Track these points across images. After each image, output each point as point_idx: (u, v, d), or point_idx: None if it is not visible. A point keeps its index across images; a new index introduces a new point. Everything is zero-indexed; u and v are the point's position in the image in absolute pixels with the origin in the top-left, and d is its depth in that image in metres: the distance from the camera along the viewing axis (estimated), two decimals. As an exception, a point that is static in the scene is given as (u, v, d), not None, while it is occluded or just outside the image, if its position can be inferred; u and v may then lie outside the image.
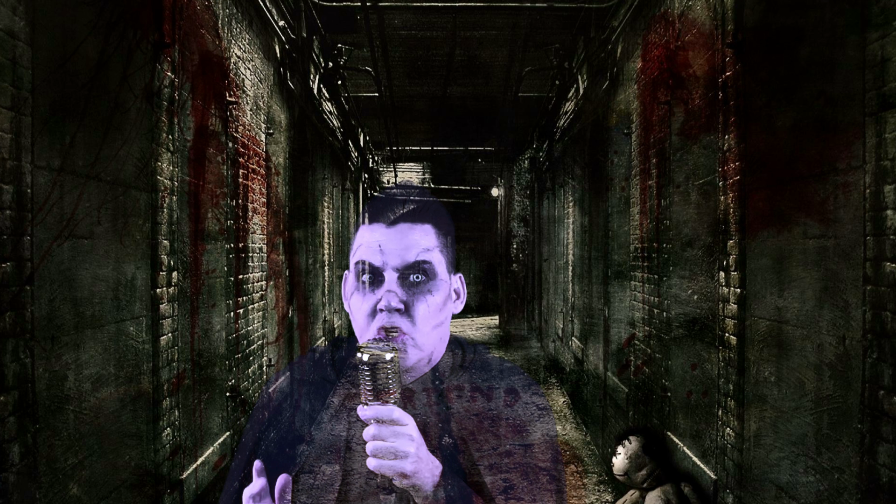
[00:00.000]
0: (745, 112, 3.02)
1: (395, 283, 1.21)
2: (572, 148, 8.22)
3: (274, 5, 5.37)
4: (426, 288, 1.23)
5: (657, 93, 4.39)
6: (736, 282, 3.09)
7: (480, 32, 7.24)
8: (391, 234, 1.23)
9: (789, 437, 2.64)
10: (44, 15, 2.08)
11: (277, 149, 5.88)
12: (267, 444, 1.38)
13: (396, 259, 1.22)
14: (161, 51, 2.97)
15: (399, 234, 1.23)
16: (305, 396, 1.39)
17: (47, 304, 2.12)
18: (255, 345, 4.95)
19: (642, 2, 4.74)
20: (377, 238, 1.23)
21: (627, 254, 5.34)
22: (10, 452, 1.88)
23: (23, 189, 1.95)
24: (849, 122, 2.18)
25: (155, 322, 2.98)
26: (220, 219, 4.07)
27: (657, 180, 4.45)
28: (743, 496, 3.06)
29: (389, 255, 1.22)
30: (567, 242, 8.83)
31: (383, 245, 1.22)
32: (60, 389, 2.22)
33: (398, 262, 1.22)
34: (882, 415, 1.97)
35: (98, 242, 2.49)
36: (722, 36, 3.28)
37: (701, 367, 3.71)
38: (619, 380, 5.66)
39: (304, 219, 7.01)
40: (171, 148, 3.14)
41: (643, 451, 3.78)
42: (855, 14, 2.15)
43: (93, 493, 2.45)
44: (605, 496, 5.51)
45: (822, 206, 2.37)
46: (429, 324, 1.23)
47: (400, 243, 1.22)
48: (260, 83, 5.03)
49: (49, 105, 2.12)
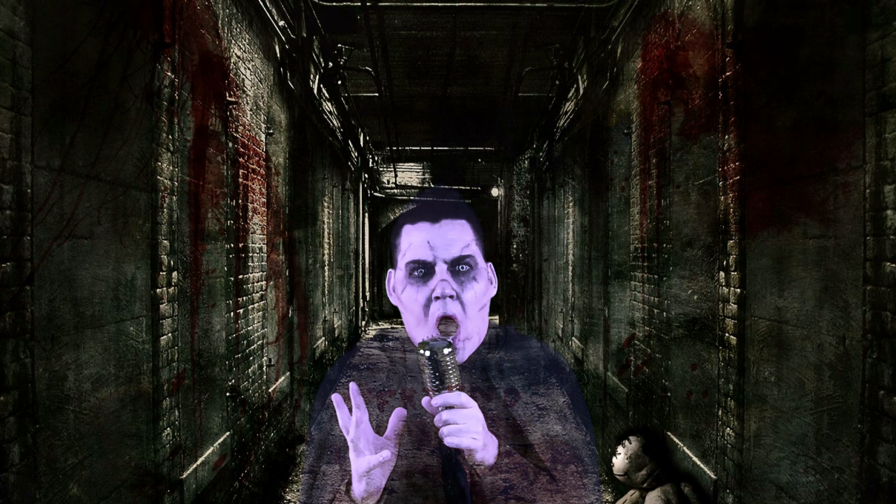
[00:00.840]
0: (745, 112, 3.02)
1: (447, 273, 1.37)
2: (572, 148, 8.22)
3: (274, 5, 5.37)
4: (471, 276, 1.40)
5: (657, 93, 4.39)
6: (736, 282, 3.09)
7: (480, 32, 7.24)
8: (437, 231, 1.40)
9: (789, 437, 2.64)
10: (44, 15, 2.08)
11: (277, 149, 5.88)
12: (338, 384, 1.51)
13: (446, 253, 1.38)
14: (161, 51, 2.97)
15: (444, 230, 1.41)
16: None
17: (47, 304, 2.12)
18: (255, 345, 4.95)
19: (642, 2, 4.74)
20: (425, 236, 1.40)
21: (627, 254, 5.34)
22: (10, 452, 1.88)
23: (23, 189, 1.95)
24: (849, 122, 2.18)
25: (155, 322, 2.98)
26: (220, 219, 4.07)
27: (657, 180, 4.45)
28: (743, 496, 3.06)
29: (439, 250, 1.38)
30: (567, 242, 8.83)
31: (432, 241, 1.39)
32: (60, 389, 2.22)
33: (447, 255, 1.38)
34: (882, 415, 1.97)
35: (98, 242, 2.49)
36: (722, 36, 3.28)
37: (701, 367, 3.71)
38: (619, 380, 5.66)
39: (304, 219, 7.01)
40: (171, 148, 3.14)
41: (643, 451, 3.78)
42: (855, 14, 2.15)
43: (93, 493, 2.45)
44: (605, 496, 5.51)
45: (822, 206, 2.37)
46: (475, 307, 1.39)
47: (445, 238, 1.39)
48: (260, 83, 5.02)
49: (49, 105, 2.12)
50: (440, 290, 1.35)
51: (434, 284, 1.36)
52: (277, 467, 5.62)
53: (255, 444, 4.87)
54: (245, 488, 4.54)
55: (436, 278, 1.36)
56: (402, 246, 1.43)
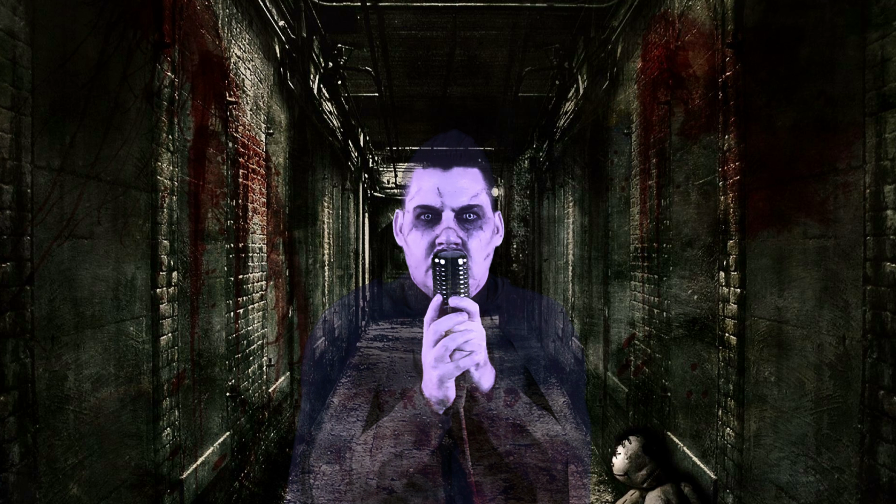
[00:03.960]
0: (745, 112, 3.02)
1: (453, 221, 1.36)
2: (572, 148, 8.22)
3: (274, 5, 5.37)
4: (478, 224, 1.39)
5: (657, 93, 4.39)
6: (736, 282, 3.09)
7: (480, 32, 7.24)
8: (448, 178, 1.39)
9: (789, 437, 2.64)
10: (44, 15, 2.08)
11: (277, 149, 5.88)
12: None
13: (454, 201, 1.37)
14: (161, 51, 2.97)
15: (454, 177, 1.39)
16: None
17: (47, 304, 2.12)
18: (255, 345, 4.95)
19: (642, 2, 4.74)
20: (435, 182, 1.38)
21: (627, 254, 5.34)
22: (10, 452, 1.88)
23: (23, 189, 1.95)
24: (849, 122, 2.18)
25: (155, 322, 2.98)
26: (220, 219, 4.07)
27: (657, 180, 4.45)
28: (743, 496, 3.05)
29: (448, 197, 1.37)
30: (567, 242, 8.83)
31: (441, 188, 1.37)
32: (60, 389, 2.22)
33: (456, 203, 1.37)
34: (882, 415, 1.97)
35: (98, 242, 2.49)
36: (722, 36, 3.28)
37: (701, 367, 3.71)
38: (619, 380, 5.66)
39: (304, 219, 7.01)
40: (171, 148, 3.14)
41: (643, 451, 3.78)
42: (855, 14, 2.15)
43: (93, 493, 2.45)
44: (605, 496, 5.51)
45: (822, 206, 2.37)
46: (481, 255, 1.39)
47: (455, 185, 1.38)
48: (260, 83, 5.02)
49: (49, 105, 2.12)
50: (444, 238, 1.34)
51: (440, 231, 1.36)
52: (277, 467, 5.62)
53: (255, 444, 4.87)
54: (245, 488, 4.54)
55: (442, 225, 1.36)
56: (411, 188, 1.43)
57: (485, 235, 1.40)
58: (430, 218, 1.38)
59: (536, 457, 1.31)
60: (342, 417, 1.40)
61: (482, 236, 1.39)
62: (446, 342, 1.17)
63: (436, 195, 1.37)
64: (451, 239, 1.34)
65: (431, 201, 1.37)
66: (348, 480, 1.26)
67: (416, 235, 1.38)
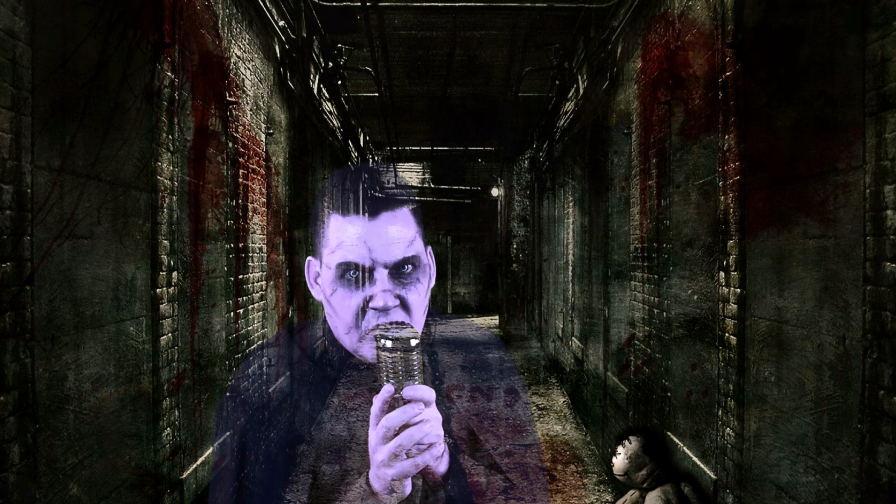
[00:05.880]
0: (745, 112, 3.02)
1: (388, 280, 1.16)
2: (572, 148, 8.22)
3: (274, 5, 5.37)
4: (415, 277, 1.21)
5: (657, 93, 4.39)
6: (736, 282, 3.09)
7: (480, 32, 7.24)
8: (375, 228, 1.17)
9: (789, 437, 2.64)
10: (44, 15, 2.08)
11: (277, 149, 5.88)
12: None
13: (386, 255, 1.16)
14: (161, 51, 2.97)
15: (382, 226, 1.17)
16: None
17: (47, 304, 2.12)
18: (255, 345, 4.95)
19: (642, 2, 4.74)
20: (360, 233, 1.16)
21: (627, 254, 5.34)
22: (10, 452, 1.88)
23: (23, 189, 1.95)
24: (849, 122, 2.18)
25: (155, 322, 2.98)
26: (220, 219, 4.06)
27: (657, 180, 4.45)
28: (743, 496, 3.05)
29: (378, 252, 1.15)
30: (567, 242, 8.82)
31: (369, 241, 1.15)
32: (60, 389, 2.21)
33: (389, 258, 1.16)
34: (882, 415, 1.97)
35: (98, 242, 2.48)
36: (722, 36, 3.28)
37: (701, 367, 3.70)
38: (619, 380, 5.65)
39: (304, 219, 7.01)
40: (171, 148, 3.14)
41: (643, 451, 3.78)
42: (855, 14, 2.15)
43: (93, 493, 2.45)
44: (605, 496, 5.50)
45: (822, 206, 2.37)
46: (421, 309, 1.23)
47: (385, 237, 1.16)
48: (260, 83, 5.02)
49: (49, 105, 2.12)
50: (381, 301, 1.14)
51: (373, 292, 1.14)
52: (277, 467, 5.62)
53: (255, 444, 4.87)
54: (245, 488, 4.54)
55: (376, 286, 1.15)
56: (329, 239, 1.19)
57: (423, 287, 1.21)
58: (357, 276, 1.16)
59: (536, 457, 1.31)
60: (342, 417, 1.40)
61: (420, 289, 1.20)
62: (401, 441, 0.99)
63: (363, 250, 1.15)
64: (390, 304, 1.14)
65: (358, 258, 1.15)
66: (348, 480, 1.26)
67: (343, 296, 1.18)
